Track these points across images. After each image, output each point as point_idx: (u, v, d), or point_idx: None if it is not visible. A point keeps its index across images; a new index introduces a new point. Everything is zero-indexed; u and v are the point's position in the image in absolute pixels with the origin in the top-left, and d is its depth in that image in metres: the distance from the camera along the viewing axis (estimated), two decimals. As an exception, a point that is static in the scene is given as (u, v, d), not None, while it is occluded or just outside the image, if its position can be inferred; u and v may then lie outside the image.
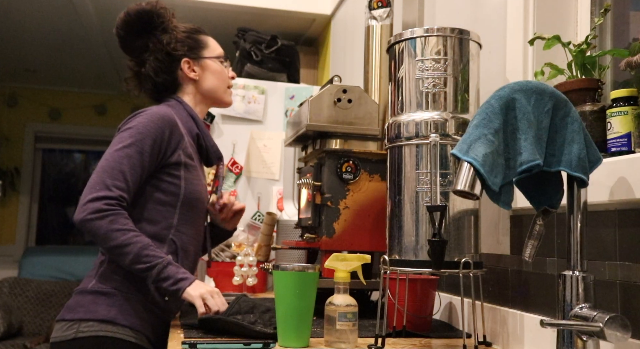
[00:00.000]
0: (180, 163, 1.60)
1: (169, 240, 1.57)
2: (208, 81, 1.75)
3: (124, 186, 1.49)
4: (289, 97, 2.93)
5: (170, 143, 1.58)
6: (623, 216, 1.03)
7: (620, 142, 1.07)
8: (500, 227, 1.39)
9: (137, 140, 1.52)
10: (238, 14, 3.44)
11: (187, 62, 1.73)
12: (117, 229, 1.44)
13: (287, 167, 2.69)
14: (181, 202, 1.60)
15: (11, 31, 4.24)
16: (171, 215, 1.59)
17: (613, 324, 0.89)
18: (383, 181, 1.63)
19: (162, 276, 1.44)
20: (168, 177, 1.59)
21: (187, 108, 1.71)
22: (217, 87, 1.76)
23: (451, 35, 1.26)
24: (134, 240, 1.45)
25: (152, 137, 1.54)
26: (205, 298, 1.43)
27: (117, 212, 1.46)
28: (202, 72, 1.75)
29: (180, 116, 1.67)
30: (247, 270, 2.32)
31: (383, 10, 1.79)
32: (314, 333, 1.30)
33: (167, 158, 1.57)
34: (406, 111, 1.28)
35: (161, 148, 1.56)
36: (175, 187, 1.59)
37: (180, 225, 1.60)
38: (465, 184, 0.93)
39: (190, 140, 1.66)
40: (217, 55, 1.77)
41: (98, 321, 1.47)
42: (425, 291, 1.43)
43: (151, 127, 1.54)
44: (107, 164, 1.50)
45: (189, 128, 1.67)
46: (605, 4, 1.26)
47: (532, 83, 1.00)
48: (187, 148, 1.62)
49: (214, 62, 1.75)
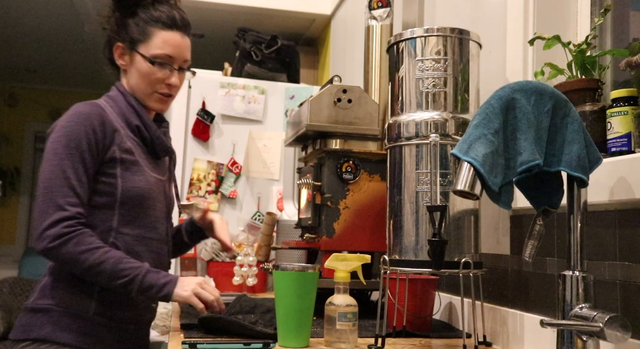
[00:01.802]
0: (115, 159, 1.49)
1: (110, 244, 1.46)
2: (132, 77, 1.59)
3: (77, 201, 1.41)
4: (289, 97, 2.93)
5: (104, 140, 1.47)
6: (623, 216, 1.03)
7: (620, 142, 1.07)
8: (500, 227, 1.39)
9: (72, 148, 1.42)
10: (238, 14, 3.44)
11: (120, 47, 1.59)
12: (84, 250, 1.37)
13: (287, 167, 2.69)
14: (120, 202, 1.49)
15: (11, 31, 4.24)
16: (109, 217, 1.48)
17: (613, 324, 0.89)
18: (383, 181, 1.63)
19: (145, 286, 1.39)
20: (103, 177, 1.48)
21: (128, 98, 1.58)
22: (138, 87, 1.59)
23: (451, 35, 1.26)
24: (105, 257, 1.38)
25: (85, 139, 1.44)
26: (197, 292, 1.39)
27: (79, 232, 1.38)
28: (130, 65, 1.59)
29: (118, 107, 1.56)
30: (247, 270, 2.32)
31: (383, 10, 1.79)
32: (314, 333, 1.30)
33: (102, 157, 1.47)
34: (406, 111, 1.28)
35: (97, 147, 1.46)
36: (111, 187, 1.48)
37: (121, 227, 1.49)
38: (465, 184, 0.93)
39: (129, 132, 1.55)
40: (151, 55, 1.55)
41: (31, 341, 1.41)
42: (425, 291, 1.43)
43: (80, 129, 1.44)
44: (52, 182, 1.40)
45: (126, 120, 1.55)
46: (605, 4, 1.26)
47: (532, 83, 1.00)
48: (124, 143, 1.51)
49: (143, 61, 1.56)
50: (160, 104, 1.62)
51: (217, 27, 3.70)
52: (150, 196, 1.55)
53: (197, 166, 2.78)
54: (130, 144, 1.53)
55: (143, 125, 1.58)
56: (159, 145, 1.61)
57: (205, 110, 2.80)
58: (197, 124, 2.80)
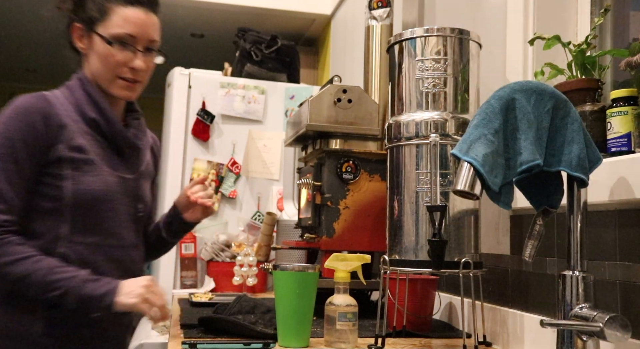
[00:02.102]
0: (62, 159, 1.32)
1: (58, 253, 1.30)
2: (93, 62, 1.41)
3: (5, 207, 1.26)
4: (289, 97, 2.93)
5: (46, 137, 1.31)
6: (623, 216, 1.02)
7: (620, 142, 1.07)
8: (500, 227, 1.39)
9: (5, 148, 1.28)
10: (238, 14, 3.44)
11: (77, 28, 1.42)
12: (9, 262, 1.23)
13: (287, 167, 2.69)
14: (71, 207, 1.32)
15: (11, 31, 4.24)
16: (57, 224, 1.32)
17: (613, 324, 0.89)
18: (383, 181, 1.63)
19: (83, 298, 1.23)
20: (47, 178, 1.32)
21: (87, 87, 1.40)
22: (99, 73, 1.40)
23: (451, 35, 1.26)
24: (33, 269, 1.23)
25: (21, 138, 1.29)
26: (146, 298, 1.24)
27: (5, 241, 1.24)
28: (90, 48, 1.41)
29: (74, 98, 1.39)
30: (247, 270, 2.32)
31: (383, 10, 1.79)
32: (314, 333, 1.30)
33: (45, 156, 1.31)
34: (406, 111, 1.28)
35: (36, 145, 1.30)
36: (57, 190, 1.31)
37: (74, 235, 1.33)
38: (465, 184, 0.93)
39: (84, 126, 1.37)
40: (110, 35, 1.37)
41: None
42: (425, 291, 1.43)
43: (17, 126, 1.29)
44: None
45: (82, 112, 1.38)
46: (605, 4, 1.26)
47: (532, 83, 1.00)
48: (74, 140, 1.34)
49: (101, 43, 1.38)
50: (126, 91, 1.42)
51: (217, 27, 3.70)
52: (109, 198, 1.38)
53: (197, 166, 2.78)
54: (82, 141, 1.36)
55: (103, 117, 1.39)
56: (121, 140, 1.43)
57: (205, 110, 2.80)
58: (197, 124, 2.79)
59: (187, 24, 3.65)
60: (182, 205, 1.60)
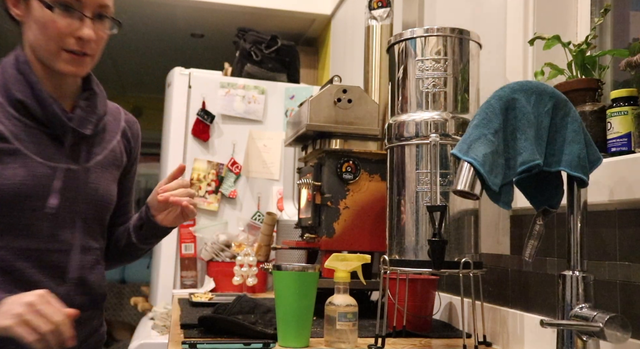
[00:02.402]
0: None
1: None
2: (31, 32, 1.19)
3: None
4: (289, 97, 2.93)
5: None
6: (623, 216, 1.03)
7: (620, 142, 1.07)
8: (500, 227, 1.39)
9: None
10: (238, 14, 3.44)
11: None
12: None
13: (287, 167, 2.70)
14: None
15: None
16: None
17: (613, 324, 0.89)
18: (383, 181, 1.63)
19: None
20: None
21: (20, 64, 1.20)
22: (39, 45, 1.18)
23: (451, 35, 1.26)
24: None
25: None
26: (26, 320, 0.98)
27: None
28: (27, 15, 1.19)
29: (2, 77, 1.20)
30: (247, 270, 2.32)
31: (383, 10, 1.79)
32: (314, 333, 1.30)
33: None
34: (406, 111, 1.28)
35: None
36: None
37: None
38: (465, 184, 0.93)
39: (10, 109, 1.17)
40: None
41: None
42: (425, 291, 1.43)
43: None
44: None
45: (8, 93, 1.18)
46: (605, 4, 1.26)
47: (532, 83, 1.00)
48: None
49: (40, 7, 1.16)
50: (72, 66, 1.19)
51: (217, 27, 3.70)
52: (36, 194, 1.16)
53: (197, 166, 2.78)
54: (2, 127, 1.15)
55: (34, 98, 1.17)
56: (57, 124, 1.19)
57: (205, 110, 2.80)
58: (197, 124, 2.80)
59: (187, 24, 3.65)
60: (155, 205, 1.33)
